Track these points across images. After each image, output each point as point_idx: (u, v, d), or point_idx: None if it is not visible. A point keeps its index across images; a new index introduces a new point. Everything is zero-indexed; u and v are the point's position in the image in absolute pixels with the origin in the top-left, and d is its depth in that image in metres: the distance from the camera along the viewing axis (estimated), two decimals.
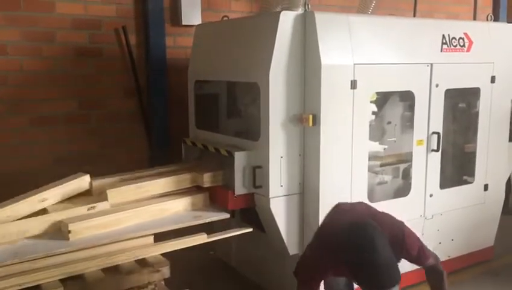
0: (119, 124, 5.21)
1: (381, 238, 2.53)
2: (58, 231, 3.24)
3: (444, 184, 4.34)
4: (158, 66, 5.26)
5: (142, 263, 3.30)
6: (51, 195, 3.42)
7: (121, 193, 3.57)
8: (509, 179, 5.79)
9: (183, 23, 5.33)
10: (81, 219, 3.28)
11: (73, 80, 4.94)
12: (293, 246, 3.80)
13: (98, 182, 3.74)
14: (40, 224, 3.23)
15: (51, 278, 2.96)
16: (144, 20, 5.20)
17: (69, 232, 3.15)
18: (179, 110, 5.24)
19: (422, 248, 2.87)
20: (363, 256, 2.48)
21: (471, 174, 4.59)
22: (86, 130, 5.06)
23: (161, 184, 3.76)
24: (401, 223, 2.91)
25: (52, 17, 4.76)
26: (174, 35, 5.39)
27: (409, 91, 4.06)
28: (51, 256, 3.00)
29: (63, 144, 4.93)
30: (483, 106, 4.50)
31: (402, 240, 2.77)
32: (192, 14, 5.35)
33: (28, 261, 2.94)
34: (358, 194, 3.80)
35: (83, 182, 3.67)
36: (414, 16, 6.21)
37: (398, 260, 2.65)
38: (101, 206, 3.45)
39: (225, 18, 4.48)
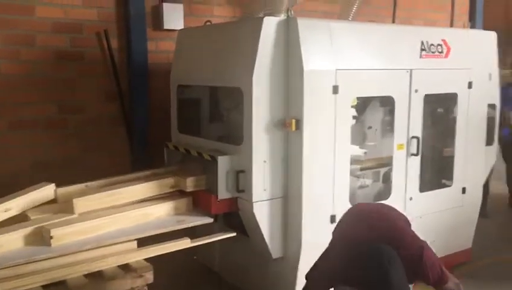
0: (100, 128, 5.18)
1: (396, 271, 2.49)
2: (39, 238, 3.20)
3: (423, 187, 4.42)
4: (140, 71, 5.25)
5: (125, 268, 3.28)
6: (15, 205, 3.32)
7: (88, 201, 3.48)
8: (485, 183, 5.93)
9: (165, 28, 5.33)
10: (62, 224, 3.24)
11: (53, 83, 4.90)
12: (276, 250, 3.82)
13: (64, 190, 3.64)
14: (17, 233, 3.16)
15: (33, 285, 2.93)
16: (126, 25, 5.19)
17: (51, 237, 3.12)
18: (160, 114, 5.23)
19: (439, 273, 2.70)
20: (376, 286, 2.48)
21: (450, 177, 4.69)
22: (65, 134, 5.02)
23: (137, 190, 3.70)
24: (421, 242, 2.74)
25: (32, 21, 4.72)
26: (156, 40, 5.39)
27: (389, 96, 4.13)
28: (33, 262, 2.97)
29: (42, 148, 4.88)
30: (461, 111, 4.61)
31: (417, 264, 2.63)
32: (174, 19, 5.36)
33: (10, 267, 2.90)
34: (340, 198, 3.85)
35: (47, 190, 3.55)
36: (393, 22, 6.33)
37: (411, 282, 2.63)
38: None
39: (208, 23, 4.49)
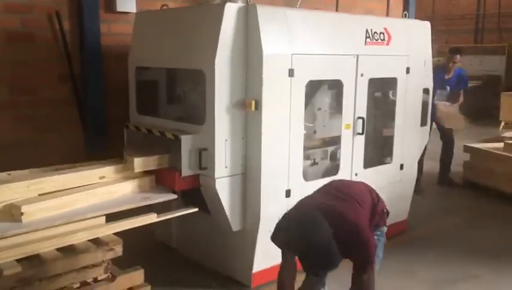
0: (52, 110, 5.17)
1: (319, 234, 2.76)
2: (8, 215, 3.26)
3: (366, 164, 4.82)
4: (93, 53, 5.28)
5: (96, 242, 3.41)
6: None
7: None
8: (419, 161, 6.48)
9: (118, 10, 5.38)
10: (31, 201, 3.32)
11: (3, 65, 4.83)
12: (236, 223, 4.07)
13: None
14: None
15: (7, 259, 3.00)
16: (78, 6, 5.19)
17: (22, 214, 3.19)
18: (114, 96, 5.31)
19: (370, 257, 2.98)
20: (300, 245, 2.80)
21: (390, 155, 5.12)
22: (17, 116, 4.98)
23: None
24: (359, 223, 3.04)
25: None
26: (109, 22, 5.42)
27: (338, 80, 4.46)
28: (6, 237, 3.04)
29: None
30: (400, 94, 5.03)
31: (355, 239, 2.94)
32: (126, 1, 5.42)
33: None
34: (294, 174, 4.15)
35: None
36: (336, 10, 6.70)
37: (344, 256, 2.85)
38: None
39: (164, 7, 4.61)
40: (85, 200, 3.54)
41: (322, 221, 2.83)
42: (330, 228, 2.81)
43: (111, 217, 3.60)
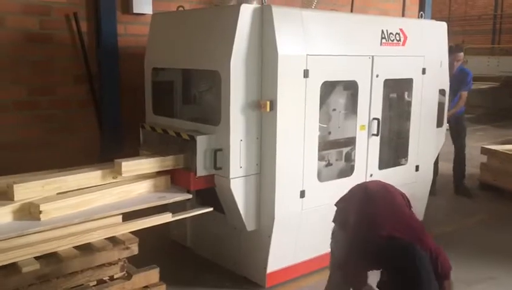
0: (70, 110, 5.24)
1: (426, 266, 2.73)
2: (27, 213, 3.32)
3: (382, 165, 4.80)
4: (110, 54, 5.33)
5: (112, 240, 3.45)
6: None
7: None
8: (435, 163, 6.41)
9: (134, 12, 5.44)
10: (49, 200, 3.37)
11: (22, 66, 4.91)
12: (250, 223, 4.08)
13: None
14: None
15: (26, 256, 3.06)
16: (96, 8, 5.25)
17: (40, 212, 3.24)
18: (130, 97, 5.37)
19: (449, 266, 2.99)
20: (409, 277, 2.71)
21: (405, 156, 5.10)
22: (35, 116, 5.05)
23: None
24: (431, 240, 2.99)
25: (1, 2, 4.70)
26: (125, 23, 5.48)
27: (353, 81, 4.46)
28: (25, 235, 3.09)
29: (11, 130, 4.89)
30: (415, 95, 5.01)
31: (436, 258, 2.89)
32: (143, 3, 5.47)
33: (3, 240, 3.01)
34: (309, 174, 4.15)
35: None
36: (351, 11, 6.68)
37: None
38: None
39: (180, 8, 4.65)
40: (101, 200, 3.59)
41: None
42: None
43: (127, 217, 3.64)
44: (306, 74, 3.98)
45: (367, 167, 4.65)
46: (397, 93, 5.15)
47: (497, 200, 6.84)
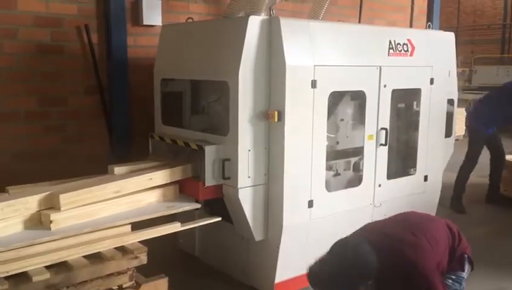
0: (80, 121, 5.29)
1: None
2: (38, 223, 3.35)
3: (390, 175, 4.80)
4: (119, 65, 5.38)
5: (122, 250, 3.47)
6: None
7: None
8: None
9: (144, 23, 5.50)
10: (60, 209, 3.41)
11: (34, 76, 4.98)
12: (258, 233, 4.09)
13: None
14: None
15: (36, 265, 3.09)
16: (106, 20, 5.32)
17: (51, 222, 3.28)
18: (140, 107, 5.42)
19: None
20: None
21: (413, 166, 5.09)
22: (46, 127, 5.11)
23: None
24: (420, 264, 2.71)
25: (14, 15, 4.79)
26: (135, 35, 5.54)
27: (360, 91, 4.47)
28: (36, 244, 3.13)
29: (22, 140, 4.95)
30: (424, 105, 5.01)
31: (411, 281, 2.68)
32: (152, 15, 5.53)
33: (14, 249, 3.05)
34: (317, 185, 4.17)
35: None
36: (359, 22, 6.72)
37: None
38: None
39: (189, 20, 4.70)
40: (110, 209, 3.62)
41: (366, 253, 2.63)
42: (374, 262, 2.59)
43: (135, 226, 3.67)
44: (314, 84, 4.00)
45: (375, 176, 4.66)
46: (405, 103, 5.16)
47: (507, 210, 6.78)
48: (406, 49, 4.72)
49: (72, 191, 3.46)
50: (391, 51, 4.61)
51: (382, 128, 4.60)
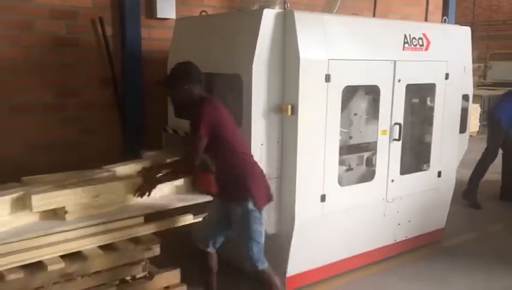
0: (95, 112, 5.34)
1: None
2: (53, 213, 3.39)
3: (403, 171, 4.78)
4: (134, 57, 5.42)
5: (135, 241, 3.51)
6: None
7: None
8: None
9: (158, 16, 5.52)
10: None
11: (50, 69, 5.02)
12: (271, 227, 4.10)
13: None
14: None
15: (52, 255, 3.14)
16: (120, 12, 5.35)
17: (66, 212, 3.32)
18: (152, 100, 5.45)
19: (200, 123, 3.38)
20: None
21: (427, 162, 5.06)
22: (62, 118, 5.16)
23: None
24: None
25: (30, 7, 4.83)
26: (149, 28, 5.56)
27: (374, 85, 4.45)
28: (51, 234, 3.17)
29: (39, 132, 5.01)
30: (438, 100, 4.97)
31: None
32: (166, 8, 5.55)
33: (29, 239, 3.09)
34: (330, 179, 4.16)
35: None
36: (374, 15, 6.66)
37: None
38: None
39: (203, 13, 4.71)
40: (124, 201, 3.64)
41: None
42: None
43: (148, 219, 3.69)
44: (328, 78, 3.99)
45: (388, 172, 4.64)
46: (419, 98, 5.12)
47: None
48: (421, 43, 4.68)
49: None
50: (406, 45, 4.57)
51: (396, 123, 4.58)
